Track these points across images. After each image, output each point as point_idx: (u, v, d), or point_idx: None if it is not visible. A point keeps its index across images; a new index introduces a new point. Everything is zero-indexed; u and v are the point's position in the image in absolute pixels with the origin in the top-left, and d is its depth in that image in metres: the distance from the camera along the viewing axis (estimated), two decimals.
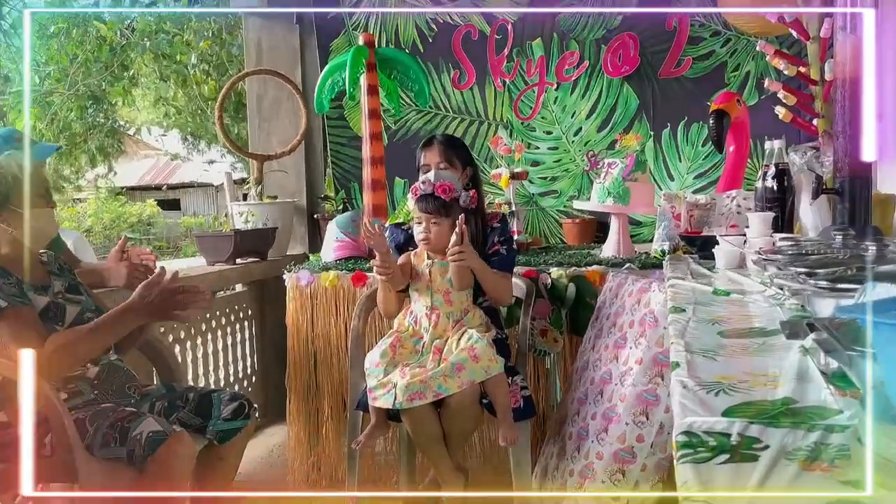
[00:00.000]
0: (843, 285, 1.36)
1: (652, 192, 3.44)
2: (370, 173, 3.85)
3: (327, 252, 3.62)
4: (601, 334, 2.73)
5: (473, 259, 2.45)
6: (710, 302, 1.78)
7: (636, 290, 2.61)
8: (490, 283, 2.56)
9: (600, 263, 3.23)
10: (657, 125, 4.18)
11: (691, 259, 2.66)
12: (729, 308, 1.70)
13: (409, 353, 2.44)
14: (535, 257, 3.43)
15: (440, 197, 2.47)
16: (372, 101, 3.87)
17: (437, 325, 2.47)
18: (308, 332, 3.42)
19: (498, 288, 2.61)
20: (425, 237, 2.48)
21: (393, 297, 2.62)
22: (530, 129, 4.38)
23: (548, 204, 4.36)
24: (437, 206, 2.47)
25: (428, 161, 2.79)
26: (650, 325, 2.41)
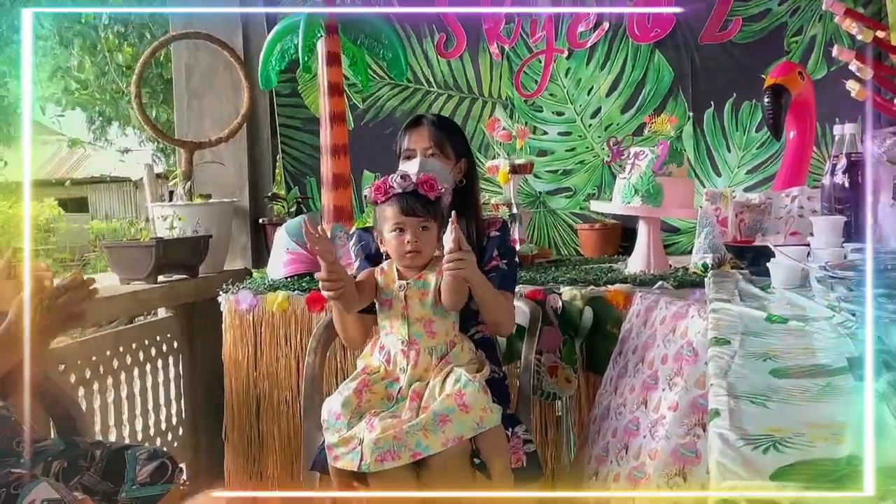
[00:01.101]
0: None
1: (691, 190, 3.46)
2: (331, 165, 3.86)
3: (275, 267, 3.62)
4: (626, 373, 2.73)
5: (474, 270, 2.45)
6: (762, 331, 1.79)
7: (670, 315, 2.62)
8: (490, 305, 2.56)
9: (625, 281, 3.24)
10: (697, 105, 4.20)
11: (740, 276, 2.68)
12: (786, 339, 1.71)
13: (380, 400, 2.44)
14: (541, 273, 3.45)
15: (426, 195, 2.48)
16: (332, 74, 3.88)
17: (417, 364, 2.47)
18: (250, 370, 3.41)
19: (499, 311, 2.61)
20: (415, 248, 2.47)
21: (352, 322, 2.63)
22: (536, 110, 4.41)
23: (559, 205, 4.38)
24: (424, 205, 2.47)
25: (413, 146, 2.80)
26: (688, 361, 2.41)
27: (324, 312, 3.29)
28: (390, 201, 2.47)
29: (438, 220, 2.48)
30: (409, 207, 2.44)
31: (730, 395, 1.28)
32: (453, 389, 2.36)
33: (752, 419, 1.16)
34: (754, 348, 1.61)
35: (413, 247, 2.44)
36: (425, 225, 2.45)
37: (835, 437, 1.07)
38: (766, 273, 2.47)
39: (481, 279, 2.49)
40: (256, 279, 3.68)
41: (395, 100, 4.52)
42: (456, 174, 2.79)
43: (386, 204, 2.47)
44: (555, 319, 3.16)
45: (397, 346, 2.49)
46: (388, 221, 2.47)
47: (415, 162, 2.72)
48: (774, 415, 1.19)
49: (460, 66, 4.46)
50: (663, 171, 3.27)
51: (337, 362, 3.30)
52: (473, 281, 2.46)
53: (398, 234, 2.45)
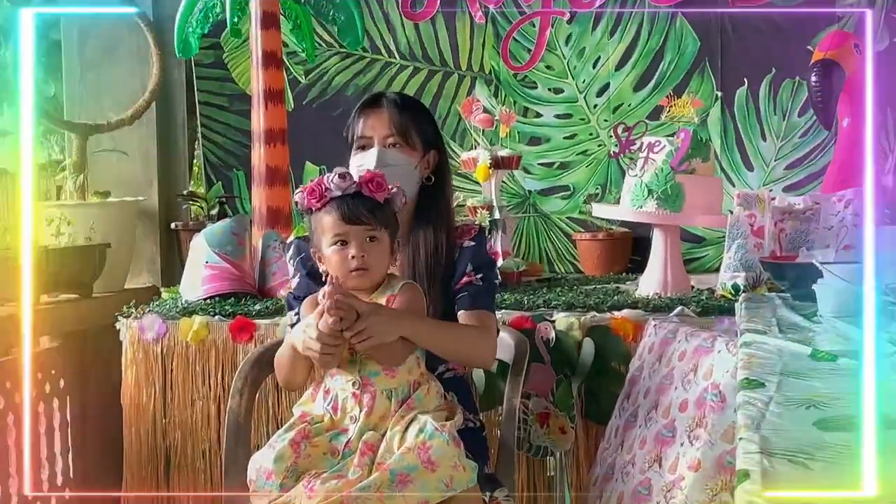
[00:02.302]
0: None
1: (718, 192, 3.48)
2: (264, 156, 3.86)
3: (192, 285, 3.61)
4: (635, 422, 2.74)
5: (392, 326, 2.42)
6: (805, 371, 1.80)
7: (691, 350, 2.63)
8: (448, 349, 2.55)
9: (635, 306, 3.25)
10: (728, 82, 4.24)
11: (779, 300, 2.69)
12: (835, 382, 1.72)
13: (322, 456, 2.42)
14: (530, 296, 3.45)
15: (372, 196, 2.47)
16: (269, 39, 3.88)
17: (372, 411, 2.45)
18: (157, 416, 3.39)
19: (465, 349, 2.60)
20: (362, 264, 2.46)
21: (302, 364, 2.60)
22: (528, 86, 4.43)
23: (554, 208, 4.40)
24: (371, 210, 2.46)
25: (369, 132, 2.78)
26: (713, 409, 2.42)
27: (252, 343, 3.28)
28: (328, 207, 2.44)
29: (391, 228, 2.47)
30: (352, 214, 2.41)
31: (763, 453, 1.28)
32: (416, 442, 2.35)
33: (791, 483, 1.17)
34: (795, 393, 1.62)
35: (359, 262, 2.41)
36: (373, 234, 2.43)
37: None
38: (811, 297, 2.49)
39: (416, 328, 2.45)
40: (167, 300, 3.66)
41: (345, 73, 4.53)
42: (423, 169, 2.78)
43: (322, 211, 2.45)
44: (546, 354, 3.16)
45: (347, 390, 2.47)
46: (326, 233, 2.44)
47: (371, 153, 2.71)
48: (819, 477, 1.20)
49: (431, 30, 4.48)
50: (684, 167, 3.29)
51: (268, 407, 3.29)
52: (404, 333, 2.42)
53: (340, 248, 2.42)
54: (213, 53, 4.56)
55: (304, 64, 4.48)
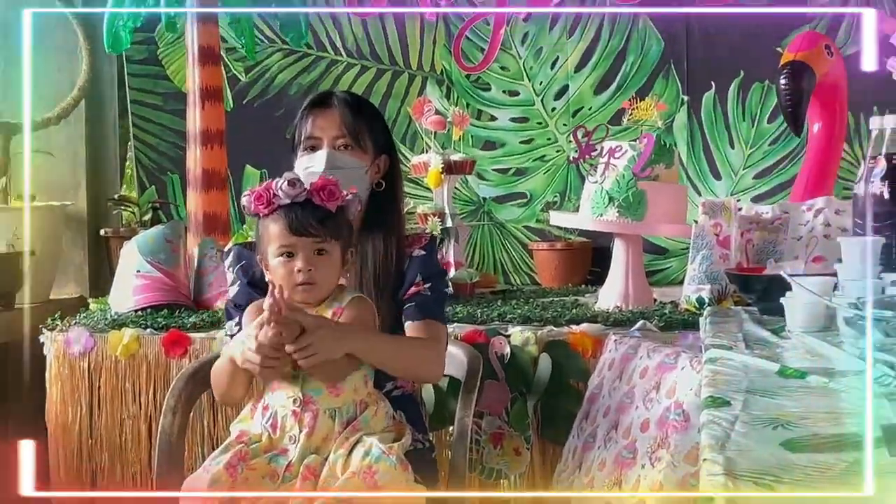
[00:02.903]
0: None
1: (683, 199, 3.50)
2: (201, 158, 3.84)
3: (122, 296, 3.58)
4: (593, 443, 2.75)
5: (336, 342, 2.41)
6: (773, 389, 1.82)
7: (653, 366, 2.64)
8: (394, 364, 2.55)
9: (594, 320, 3.26)
10: (694, 86, 4.28)
11: (746, 314, 2.71)
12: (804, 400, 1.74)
13: (261, 479, 2.40)
14: (484, 308, 3.46)
15: (323, 205, 2.46)
16: (206, 34, 3.86)
17: (314, 432, 2.44)
18: (84, 436, 3.37)
19: (412, 364, 2.59)
20: (308, 279, 2.44)
21: (241, 378, 2.58)
22: (482, 87, 4.44)
23: (509, 216, 4.41)
24: (321, 221, 2.45)
25: (318, 133, 2.77)
26: (677, 428, 2.44)
27: (186, 359, 3.26)
28: (275, 215, 2.43)
29: (342, 239, 2.46)
30: (301, 225, 2.39)
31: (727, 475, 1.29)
32: (361, 465, 2.34)
33: None
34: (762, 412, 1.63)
35: (306, 277, 2.40)
36: (322, 247, 2.42)
37: None
38: (779, 311, 2.51)
39: (361, 345, 2.44)
40: (95, 312, 3.63)
41: (289, 71, 4.52)
42: (373, 174, 2.78)
43: (270, 218, 2.44)
44: (500, 371, 3.17)
45: (287, 407, 2.45)
46: (272, 242, 2.43)
47: (320, 154, 2.69)
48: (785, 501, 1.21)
49: (380, 28, 4.49)
50: (647, 174, 3.31)
51: (204, 426, 3.27)
52: (348, 350, 2.42)
53: (286, 260, 2.41)
54: (147, 49, 4.54)
55: (244, 61, 4.47)
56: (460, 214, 4.12)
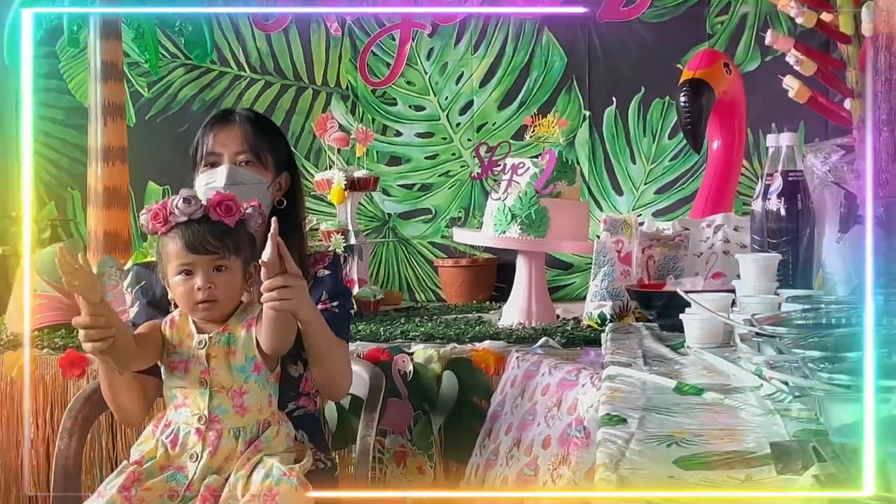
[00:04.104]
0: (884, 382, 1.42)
1: (585, 216, 3.53)
2: (102, 175, 3.80)
3: (18, 315, 3.53)
4: (496, 461, 2.75)
5: (305, 301, 2.42)
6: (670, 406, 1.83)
7: (555, 383, 2.65)
8: (325, 352, 2.53)
9: (497, 337, 3.27)
10: (596, 102, 4.31)
11: (647, 331, 2.73)
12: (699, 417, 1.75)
13: (158, 500, 2.38)
14: (387, 326, 3.46)
15: (221, 221, 2.44)
16: (109, 49, 3.83)
17: (217, 451, 2.42)
18: None
19: (336, 362, 2.59)
20: (209, 297, 2.42)
21: (126, 386, 2.55)
22: (387, 102, 4.44)
23: (414, 232, 4.41)
24: (219, 237, 2.43)
25: (219, 149, 2.75)
26: (577, 445, 2.45)
27: (84, 379, 3.21)
28: (173, 233, 2.40)
29: (243, 254, 2.44)
30: (199, 242, 2.37)
31: None
32: (262, 487, 2.32)
33: None
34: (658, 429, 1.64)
35: (206, 295, 2.38)
36: (221, 264, 2.39)
37: None
38: (679, 327, 2.53)
39: (314, 316, 2.46)
40: None
41: (192, 86, 4.49)
42: (275, 191, 2.76)
43: (167, 237, 2.41)
44: (403, 389, 3.16)
45: (191, 424, 2.43)
46: (171, 261, 2.40)
47: (221, 170, 2.67)
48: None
49: (284, 42, 4.47)
50: (549, 191, 3.32)
51: (102, 448, 3.23)
52: (305, 317, 2.42)
53: (185, 278, 2.38)
54: (48, 63, 4.48)
55: (147, 76, 4.43)
56: (364, 231, 4.12)
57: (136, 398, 2.55)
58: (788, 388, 1.73)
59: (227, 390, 2.41)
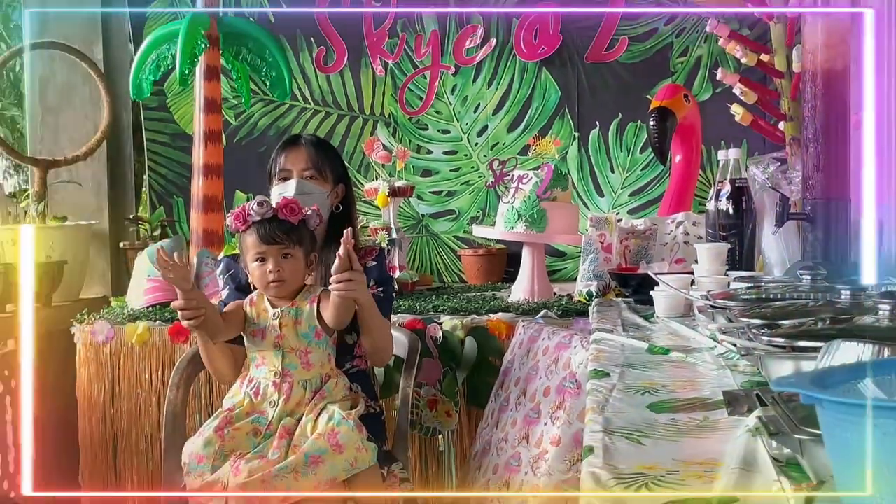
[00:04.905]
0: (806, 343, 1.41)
1: (575, 215, 3.52)
2: (202, 186, 3.81)
3: (136, 295, 3.54)
4: (507, 406, 2.75)
5: (364, 291, 2.46)
6: (643, 363, 1.84)
7: (553, 346, 2.65)
8: (375, 329, 2.58)
9: (507, 310, 3.28)
10: (583, 125, 4.30)
11: (624, 304, 2.73)
12: (667, 371, 1.76)
13: (245, 438, 2.39)
14: (422, 302, 3.46)
15: (287, 220, 2.46)
16: (211, 88, 3.84)
17: (290, 398, 2.44)
18: (107, 407, 3.34)
19: (383, 336, 2.63)
20: (278, 278, 2.44)
21: (219, 353, 2.58)
22: (421, 127, 4.43)
23: (442, 228, 4.41)
24: (285, 231, 2.45)
25: (290, 166, 2.78)
26: (571, 394, 2.45)
27: (188, 345, 3.23)
28: (250, 230, 2.45)
29: (305, 246, 2.47)
30: (269, 235, 2.43)
31: (605, 432, 1.30)
32: (326, 428, 2.34)
33: (626, 456, 1.18)
34: (634, 381, 1.65)
35: (276, 276, 2.42)
36: (287, 252, 2.44)
37: (708, 475, 1.10)
38: (650, 301, 2.53)
39: (370, 301, 2.52)
40: (115, 308, 3.60)
41: (268, 117, 4.49)
42: (333, 199, 2.78)
43: (246, 233, 2.46)
44: (435, 350, 3.17)
45: (269, 379, 2.46)
46: (249, 251, 2.45)
47: (291, 183, 2.71)
48: (648, 452, 1.22)
49: (340, 81, 4.46)
50: (547, 196, 3.33)
51: (201, 398, 3.25)
52: (362, 302, 2.47)
53: (260, 264, 2.44)
54: (158, 98, 4.49)
55: (234, 108, 4.44)
56: (403, 228, 4.11)
57: (227, 361, 2.58)
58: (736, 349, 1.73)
59: (296, 351, 2.45)
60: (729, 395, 1.38)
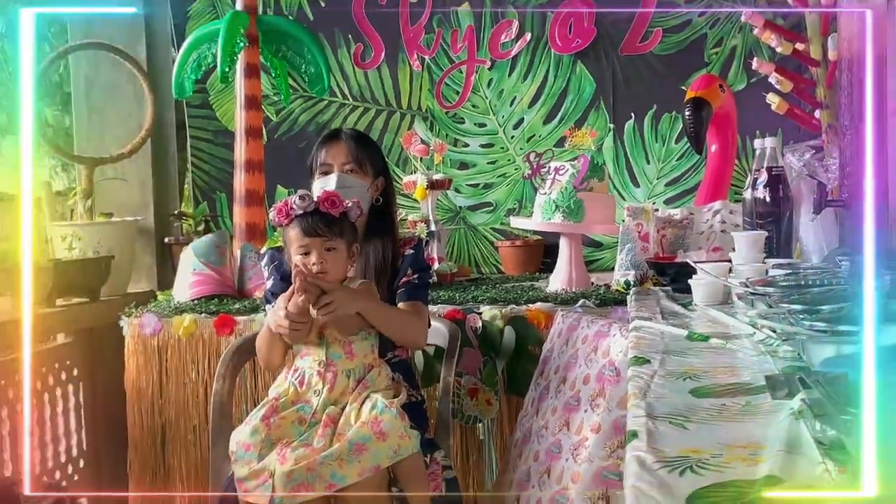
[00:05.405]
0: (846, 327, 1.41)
1: (612, 206, 3.51)
2: (244, 181, 3.84)
3: (181, 289, 3.57)
4: (547, 394, 2.75)
5: (350, 301, 2.43)
6: (683, 350, 1.82)
7: (592, 334, 2.65)
8: (391, 326, 2.56)
9: (546, 300, 3.27)
10: (619, 116, 4.28)
11: (662, 293, 2.72)
12: (707, 358, 1.75)
13: (290, 425, 2.40)
14: (461, 293, 3.46)
15: (328, 213, 2.46)
16: (251, 86, 3.87)
17: (334, 387, 2.45)
18: (154, 398, 3.37)
19: (403, 328, 2.61)
20: (321, 269, 2.45)
21: (281, 345, 2.59)
22: (458, 121, 4.44)
23: (480, 220, 4.41)
24: (327, 224, 2.45)
25: (330, 160, 2.79)
26: (610, 381, 2.44)
27: (233, 336, 3.26)
28: (293, 223, 2.45)
29: (347, 237, 2.48)
30: (311, 228, 2.42)
31: (648, 417, 1.30)
32: (370, 416, 2.35)
33: (670, 440, 1.18)
34: (675, 367, 1.64)
35: (319, 268, 2.42)
36: (330, 245, 2.44)
37: (752, 458, 1.09)
38: (688, 290, 2.52)
39: (369, 306, 2.48)
40: (161, 302, 3.63)
41: (308, 113, 4.51)
42: (373, 192, 2.79)
43: (289, 226, 2.46)
44: (475, 340, 3.18)
45: (313, 368, 2.48)
46: (293, 244, 2.46)
47: (332, 177, 2.72)
48: (692, 435, 1.21)
49: (378, 77, 4.47)
50: (584, 187, 3.32)
51: (247, 388, 3.28)
52: (359, 308, 2.45)
53: (304, 257, 2.44)
54: (200, 96, 4.52)
55: (275, 105, 4.46)
56: (441, 220, 4.12)
57: (282, 353, 2.59)
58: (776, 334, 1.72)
59: (339, 341, 2.46)
60: (771, 379, 1.37)
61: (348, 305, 2.41)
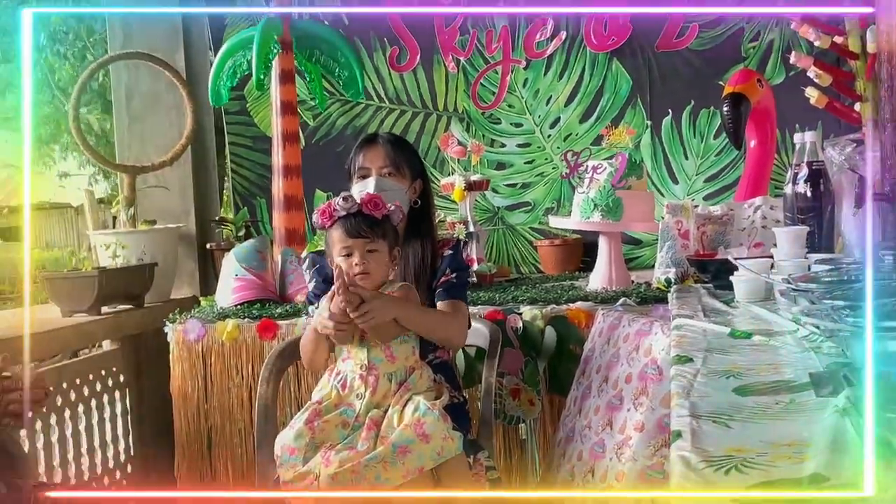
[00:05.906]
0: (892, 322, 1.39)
1: (651, 203, 3.49)
2: (283, 186, 3.87)
3: (224, 294, 3.60)
4: (590, 393, 2.74)
5: (387, 309, 2.44)
6: (726, 348, 1.81)
7: (633, 333, 2.64)
8: (428, 330, 2.56)
9: (586, 299, 3.27)
10: (656, 113, 4.26)
11: (703, 290, 2.70)
12: (750, 355, 1.73)
13: (334, 429, 2.41)
14: (501, 293, 3.46)
15: (371, 214, 2.47)
16: (286, 91, 3.90)
17: (376, 390, 2.46)
18: (200, 402, 3.40)
19: (440, 329, 2.61)
20: (364, 270, 2.46)
21: (323, 350, 2.60)
22: (494, 122, 4.44)
23: (518, 220, 4.41)
24: (370, 226, 2.46)
25: (368, 164, 2.80)
26: (653, 380, 2.43)
27: (276, 340, 3.28)
28: (336, 225, 2.46)
29: (388, 239, 2.48)
30: (355, 229, 2.43)
31: (692, 416, 1.29)
32: (412, 419, 2.35)
33: (714, 440, 1.17)
34: (718, 365, 1.63)
35: (361, 269, 2.43)
36: (372, 247, 2.45)
37: (797, 456, 1.09)
38: (729, 287, 2.50)
39: (405, 313, 2.48)
40: (205, 307, 3.66)
41: (345, 117, 4.54)
42: (411, 195, 2.80)
43: (332, 228, 2.47)
44: (515, 340, 3.17)
45: (355, 372, 2.48)
46: (336, 245, 2.46)
47: (370, 181, 2.73)
48: (737, 434, 1.20)
49: (413, 79, 4.49)
50: (622, 185, 3.31)
51: (290, 392, 3.30)
52: (397, 316, 2.45)
53: (346, 258, 2.44)
54: (238, 103, 4.57)
55: (312, 110, 4.49)
56: (480, 221, 4.13)
57: (326, 354, 2.60)
58: (820, 331, 1.70)
59: (381, 345, 2.45)
60: (816, 376, 1.36)
61: (385, 313, 2.41)
